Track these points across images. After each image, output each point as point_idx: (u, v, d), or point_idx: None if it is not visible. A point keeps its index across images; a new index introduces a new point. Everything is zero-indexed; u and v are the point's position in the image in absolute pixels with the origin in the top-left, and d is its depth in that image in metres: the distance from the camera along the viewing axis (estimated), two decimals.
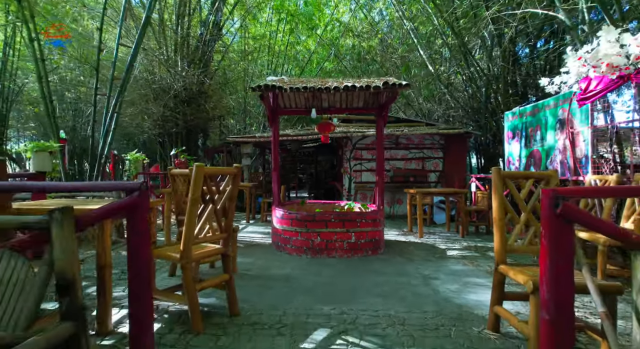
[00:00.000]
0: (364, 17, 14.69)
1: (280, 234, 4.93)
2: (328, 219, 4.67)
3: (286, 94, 5.16)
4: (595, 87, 4.18)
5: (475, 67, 9.28)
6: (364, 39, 14.71)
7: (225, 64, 11.99)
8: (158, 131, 9.66)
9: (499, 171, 2.46)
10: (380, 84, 4.63)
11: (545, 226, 1.56)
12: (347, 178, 8.91)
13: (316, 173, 12.51)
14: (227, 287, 2.67)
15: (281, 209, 5.03)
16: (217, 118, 11.32)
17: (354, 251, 4.67)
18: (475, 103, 9.84)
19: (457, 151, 8.95)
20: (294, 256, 4.66)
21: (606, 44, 3.84)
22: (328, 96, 5.40)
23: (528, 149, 6.47)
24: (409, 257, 4.59)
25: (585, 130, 4.93)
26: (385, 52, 12.83)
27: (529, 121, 6.48)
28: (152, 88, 9.06)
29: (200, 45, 9.82)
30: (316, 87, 4.63)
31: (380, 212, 5.08)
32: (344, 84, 4.69)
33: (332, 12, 15.72)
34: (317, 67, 16.48)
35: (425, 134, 8.67)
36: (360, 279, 3.63)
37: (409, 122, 9.39)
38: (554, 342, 1.58)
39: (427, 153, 8.98)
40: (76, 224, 1.52)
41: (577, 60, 4.16)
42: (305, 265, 4.20)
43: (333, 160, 11.79)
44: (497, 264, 2.36)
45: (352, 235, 4.68)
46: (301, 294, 3.18)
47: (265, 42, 14.47)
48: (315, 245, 4.64)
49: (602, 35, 3.84)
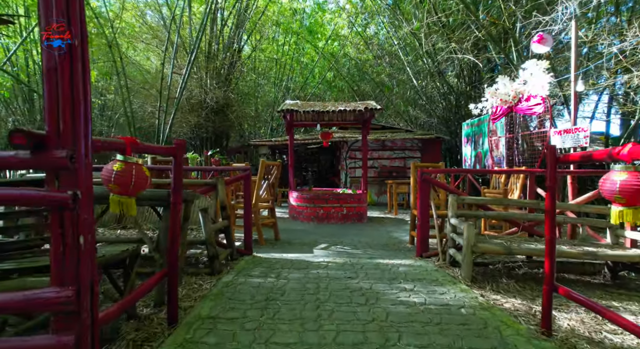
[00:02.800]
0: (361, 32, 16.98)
1: (295, 208, 7.30)
2: (328, 198, 7.04)
3: (299, 114, 7.52)
4: (497, 112, 6.52)
5: (447, 85, 11.62)
6: (360, 52, 17.06)
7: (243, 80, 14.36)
8: (193, 135, 12.05)
9: (416, 164, 4.81)
10: (363, 108, 6.99)
11: (415, 186, 3.96)
12: (344, 174, 11.27)
13: (319, 170, 14.87)
14: (273, 225, 5.05)
15: (296, 192, 7.40)
16: (237, 124, 13.71)
17: (345, 219, 7.03)
18: (447, 113, 12.18)
19: (432, 151, 11.28)
20: (304, 222, 7.02)
21: (501, 86, 6.21)
22: (328, 115, 7.75)
23: (475, 150, 8.80)
24: (381, 224, 6.96)
25: (502, 138, 7.27)
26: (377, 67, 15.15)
27: (476, 130, 8.81)
28: (189, 102, 11.44)
29: (226, 67, 12.20)
30: (319, 110, 7.00)
31: (364, 195, 7.44)
32: (339, 108, 7.05)
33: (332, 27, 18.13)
34: (319, 78, 18.87)
35: (406, 138, 11.02)
36: (347, 231, 6.00)
37: (392, 129, 11.75)
38: (420, 234, 3.98)
39: (407, 153, 11.32)
40: (230, 182, 3.92)
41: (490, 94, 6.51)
42: (313, 226, 6.57)
43: (332, 159, 14.14)
44: (411, 210, 4.72)
45: (344, 209, 7.04)
46: (311, 235, 5.56)
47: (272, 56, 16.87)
48: (319, 215, 7.00)
49: (499, 80, 6.21)
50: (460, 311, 2.47)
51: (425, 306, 2.55)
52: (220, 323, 2.21)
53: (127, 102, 8.23)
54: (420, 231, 4.06)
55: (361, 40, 16.78)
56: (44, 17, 1.10)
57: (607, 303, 2.86)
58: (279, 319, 2.29)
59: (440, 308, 2.52)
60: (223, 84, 11.97)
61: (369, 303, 2.60)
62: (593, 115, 7.93)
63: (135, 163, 1.63)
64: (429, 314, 2.40)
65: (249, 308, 2.46)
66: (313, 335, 2.06)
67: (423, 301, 2.66)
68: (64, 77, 1.11)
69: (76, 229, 1.14)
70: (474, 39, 7.83)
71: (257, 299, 2.63)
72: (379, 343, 1.99)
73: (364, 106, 7.17)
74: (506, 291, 3.11)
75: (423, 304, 2.60)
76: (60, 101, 1.11)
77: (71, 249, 1.13)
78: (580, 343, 2.08)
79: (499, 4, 6.86)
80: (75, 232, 1.13)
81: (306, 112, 7.09)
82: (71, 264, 1.13)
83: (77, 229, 1.14)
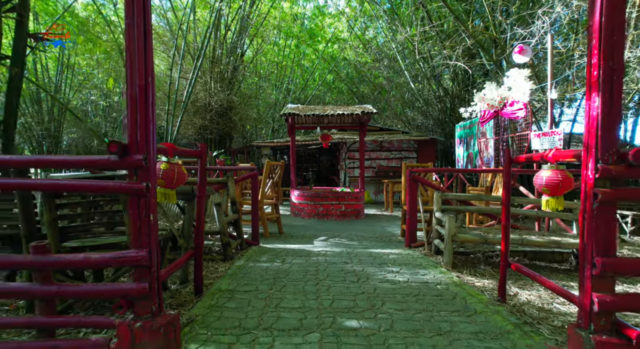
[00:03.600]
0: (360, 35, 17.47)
1: (297, 205, 7.79)
2: (327, 196, 7.53)
3: (300, 117, 8.01)
4: (485, 116, 7.02)
5: (442, 88, 12.11)
6: (358, 55, 17.56)
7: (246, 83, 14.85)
8: (198, 136, 12.55)
9: (406, 164, 5.30)
10: (360, 112, 7.48)
11: (407, 183, 4.45)
12: (343, 173, 11.76)
13: (319, 170, 15.36)
14: (277, 220, 5.54)
15: (297, 190, 7.89)
16: (240, 126, 14.20)
17: (343, 216, 7.52)
18: (442, 116, 12.67)
19: (427, 152, 11.77)
20: (305, 218, 7.51)
21: (488, 92, 6.70)
22: (327, 118, 8.24)
23: (467, 151, 9.29)
24: (377, 220, 7.45)
25: (491, 140, 7.76)
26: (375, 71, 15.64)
27: (467, 132, 9.30)
28: (195, 105, 11.94)
29: (229, 71, 12.70)
30: (319, 114, 7.49)
31: (361, 193, 7.92)
32: (337, 112, 7.54)
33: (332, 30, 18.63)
34: (319, 80, 19.36)
35: (402, 140, 11.51)
36: (345, 227, 6.50)
37: (389, 130, 12.24)
38: (409, 226, 4.48)
39: (404, 154, 11.81)
40: (239, 180, 4.42)
41: (478, 99, 7.00)
42: (313, 222, 7.06)
43: (332, 160, 14.64)
44: (402, 206, 5.20)
45: (343, 206, 7.53)
46: (312, 229, 6.05)
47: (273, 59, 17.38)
48: (319, 212, 7.49)
49: (487, 86, 6.70)
50: (436, 287, 2.97)
51: (407, 283, 3.05)
52: (237, 293, 2.71)
53: None
54: (409, 224, 4.55)
55: (360, 44, 17.28)
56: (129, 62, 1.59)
57: (565, 283, 3.36)
58: (285, 291, 2.78)
59: (419, 285, 3.02)
60: (227, 88, 12.46)
61: (360, 281, 3.10)
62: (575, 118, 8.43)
63: (176, 164, 2.12)
64: (409, 289, 2.90)
65: (259, 283, 2.96)
66: (313, 302, 2.56)
67: (406, 280, 3.16)
68: (140, 105, 1.61)
69: (148, 210, 1.63)
70: (465, 47, 8.33)
71: (266, 278, 3.12)
72: (366, 307, 2.48)
73: (360, 110, 7.65)
74: (482, 274, 3.60)
75: (406, 282, 3.09)
76: (138, 120, 1.60)
77: (144, 223, 1.63)
78: (529, 309, 2.58)
79: (487, 16, 7.35)
80: (147, 212, 1.63)
81: (307, 116, 7.59)
82: (144, 234, 1.63)
83: (148, 210, 1.63)
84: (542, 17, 5.50)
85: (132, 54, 1.59)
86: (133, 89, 1.59)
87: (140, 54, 1.58)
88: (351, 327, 2.16)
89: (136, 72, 1.57)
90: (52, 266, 1.62)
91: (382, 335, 2.07)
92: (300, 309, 2.43)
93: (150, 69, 1.63)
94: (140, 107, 1.60)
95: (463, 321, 2.28)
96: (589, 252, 1.60)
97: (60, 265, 1.64)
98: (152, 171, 1.65)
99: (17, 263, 1.70)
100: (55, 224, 2.25)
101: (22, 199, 2.17)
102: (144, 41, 1.60)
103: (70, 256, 1.64)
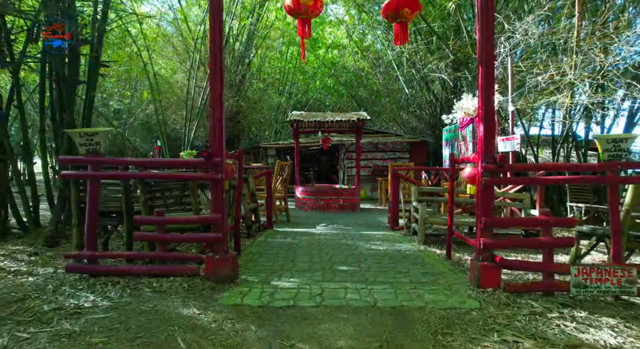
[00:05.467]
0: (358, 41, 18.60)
1: (301, 200, 8.94)
2: (327, 192, 8.68)
3: (304, 123, 9.15)
4: (463, 122, 8.16)
5: (433, 94, 13.24)
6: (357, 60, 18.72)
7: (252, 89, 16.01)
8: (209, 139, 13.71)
9: (392, 164, 6.44)
10: (355, 119, 8.63)
11: (391, 179, 5.61)
12: (341, 172, 12.91)
13: (320, 169, 16.51)
14: (286, 210, 6.69)
15: (301, 186, 9.04)
16: (247, 128, 15.37)
17: (341, 209, 8.66)
18: (433, 119, 13.80)
19: (419, 153, 12.92)
20: (308, 211, 8.67)
21: (465, 101, 7.84)
22: (327, 123, 9.39)
23: (451, 153, 10.43)
24: (371, 212, 8.60)
25: (470, 143, 8.90)
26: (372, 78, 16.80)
27: (452, 135, 10.44)
28: (207, 110, 13.09)
29: (238, 78, 13.85)
30: (320, 120, 8.63)
31: (357, 189, 9.07)
32: (336, 118, 8.69)
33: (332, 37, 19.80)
34: (320, 84, 20.51)
35: (396, 141, 12.65)
36: (342, 217, 7.65)
37: (384, 133, 13.39)
38: (392, 213, 5.64)
39: (397, 154, 12.95)
40: (257, 176, 5.59)
41: (456, 107, 8.14)
42: (315, 214, 8.21)
43: (332, 160, 15.79)
44: (389, 198, 6.35)
45: (341, 200, 8.68)
46: (314, 219, 7.21)
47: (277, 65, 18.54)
48: (321, 205, 8.64)
49: (464, 97, 7.84)
50: (405, 252, 4.12)
51: (385, 251, 4.20)
52: (264, 254, 3.86)
53: (159, 111, 9.89)
54: (392, 212, 5.70)
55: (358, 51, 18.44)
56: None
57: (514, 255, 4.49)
58: (297, 254, 3.93)
59: (394, 251, 4.17)
60: (235, 94, 13.62)
61: (351, 249, 4.25)
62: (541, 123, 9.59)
63: (229, 163, 3.28)
64: (385, 253, 4.05)
65: (278, 250, 4.12)
66: (317, 259, 3.71)
67: (385, 249, 4.31)
68: (218, 131, 2.76)
69: (221, 191, 2.79)
70: (450, 60, 9.46)
71: (282, 247, 4.28)
72: (353, 261, 3.63)
73: (356, 116, 8.80)
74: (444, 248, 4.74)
75: (384, 250, 4.25)
76: (217, 138, 2.75)
77: (219, 198, 2.78)
78: (463, 262, 3.71)
79: (465, 36, 8.49)
80: (220, 192, 2.78)
81: (309, 122, 8.73)
82: (219, 204, 2.78)
83: (221, 191, 2.79)
84: (503, 43, 6.63)
85: (216, 103, 2.74)
86: (214, 122, 2.74)
87: (217, 101, 2.74)
88: (342, 269, 3.32)
89: (217, 113, 2.72)
90: (166, 222, 2.78)
91: (362, 273, 3.22)
92: (308, 262, 3.58)
93: (221, 110, 2.78)
94: (218, 133, 2.75)
95: (417, 268, 3.43)
96: (479, 214, 2.75)
97: (170, 222, 2.79)
98: (223, 168, 2.81)
99: (150, 220, 2.86)
100: (147, 203, 3.39)
101: (125, 187, 3.32)
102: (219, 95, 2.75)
103: (176, 218, 2.79)
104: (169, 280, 2.74)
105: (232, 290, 2.66)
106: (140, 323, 2.12)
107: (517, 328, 2.18)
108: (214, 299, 2.51)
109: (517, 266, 2.79)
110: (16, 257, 3.58)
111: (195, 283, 2.73)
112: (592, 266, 2.60)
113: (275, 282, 2.91)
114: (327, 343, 1.96)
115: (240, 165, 3.79)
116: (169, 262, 2.99)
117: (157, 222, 2.71)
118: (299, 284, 2.85)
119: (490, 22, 2.65)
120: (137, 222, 2.98)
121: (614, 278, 2.54)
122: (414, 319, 2.28)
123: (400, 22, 2.90)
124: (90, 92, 4.65)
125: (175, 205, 3.57)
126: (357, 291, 2.71)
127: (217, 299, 2.51)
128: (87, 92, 4.67)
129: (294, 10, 2.63)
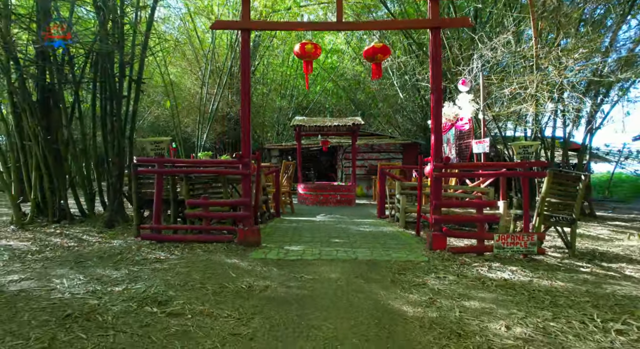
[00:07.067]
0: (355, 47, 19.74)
1: (302, 196, 10.08)
2: (326, 188, 9.82)
3: (305, 127, 10.28)
4: (445, 127, 9.29)
5: (424, 99, 14.39)
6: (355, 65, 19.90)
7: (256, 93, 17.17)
8: (218, 140, 14.85)
9: (380, 164, 7.58)
10: (351, 123, 9.77)
11: (379, 176, 6.77)
12: (340, 171, 14.04)
13: (319, 169, 17.66)
14: (290, 203, 7.83)
15: (303, 184, 10.19)
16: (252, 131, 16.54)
17: (338, 203, 9.80)
18: (424, 122, 14.94)
19: (411, 153, 14.05)
20: (309, 205, 9.80)
21: (447, 108, 8.98)
22: (327, 128, 10.53)
23: None
24: (364, 207, 9.74)
25: (454, 145, 10.03)
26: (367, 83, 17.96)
27: None
28: (216, 115, 14.23)
29: None
30: (320, 125, 9.77)
31: (353, 186, 10.21)
32: (334, 123, 9.83)
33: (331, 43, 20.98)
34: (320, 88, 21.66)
35: (390, 143, 13.79)
36: (339, 210, 8.79)
37: (379, 135, 14.54)
38: (379, 204, 6.80)
39: (391, 155, 14.09)
40: (267, 174, 6.74)
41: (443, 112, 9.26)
42: (315, 207, 9.35)
43: (331, 160, 16.94)
44: (376, 191, 7.49)
45: (338, 195, 9.81)
46: (315, 211, 8.35)
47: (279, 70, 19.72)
48: (320, 200, 9.77)
49: (445, 104, 8.98)
50: (387, 232, 5.26)
51: (370, 231, 5.35)
52: (276, 233, 5.01)
53: (175, 117, 11.03)
54: (379, 203, 6.83)
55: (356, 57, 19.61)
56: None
57: None
58: (302, 233, 5.08)
59: (377, 231, 5.32)
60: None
61: (344, 230, 5.40)
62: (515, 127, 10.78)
63: (252, 162, 4.41)
64: (371, 233, 5.19)
65: (287, 230, 5.26)
66: (317, 235, 4.86)
67: (371, 230, 5.45)
68: (247, 139, 3.90)
69: (249, 183, 3.93)
70: None
71: (290, 229, 5.43)
72: (345, 237, 4.77)
73: (352, 121, 9.95)
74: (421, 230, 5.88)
75: (370, 231, 5.39)
76: (246, 141, 3.90)
77: (248, 188, 3.93)
78: None
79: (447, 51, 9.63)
80: (248, 183, 3.93)
81: (311, 126, 9.87)
82: (248, 192, 3.92)
83: (250, 183, 3.93)
84: (476, 60, 7.77)
85: (245, 121, 3.88)
86: (244, 133, 3.89)
87: (245, 119, 3.88)
88: (336, 241, 4.48)
89: (245, 127, 3.87)
90: (210, 204, 3.91)
91: (350, 243, 4.37)
92: (310, 237, 4.73)
93: (249, 126, 3.92)
94: (247, 141, 3.90)
95: (392, 241, 4.58)
96: (433, 198, 3.88)
97: (217, 204, 3.94)
98: (250, 166, 3.95)
99: (199, 203, 4.00)
100: (189, 192, 4.53)
101: (172, 181, 4.46)
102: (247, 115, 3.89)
103: (216, 201, 3.94)
104: (213, 245, 3.88)
105: (257, 251, 3.81)
106: (203, 264, 3.27)
107: (449, 271, 3.32)
108: (246, 255, 3.66)
109: (457, 235, 3.94)
110: (89, 233, 4.72)
111: (231, 247, 3.88)
112: (507, 234, 3.74)
113: (287, 247, 4.06)
114: (323, 276, 3.10)
115: (258, 163, 4.93)
116: (212, 232, 4.13)
117: (203, 203, 3.85)
118: (304, 248, 4.00)
119: (438, 65, 3.78)
120: (189, 204, 4.11)
121: (522, 242, 3.68)
122: (381, 266, 3.43)
123: (375, 62, 4.02)
124: (135, 105, 5.79)
125: (210, 194, 4.71)
126: (345, 252, 3.86)
127: (248, 255, 3.66)
128: (134, 104, 5.82)
129: (300, 55, 3.76)
